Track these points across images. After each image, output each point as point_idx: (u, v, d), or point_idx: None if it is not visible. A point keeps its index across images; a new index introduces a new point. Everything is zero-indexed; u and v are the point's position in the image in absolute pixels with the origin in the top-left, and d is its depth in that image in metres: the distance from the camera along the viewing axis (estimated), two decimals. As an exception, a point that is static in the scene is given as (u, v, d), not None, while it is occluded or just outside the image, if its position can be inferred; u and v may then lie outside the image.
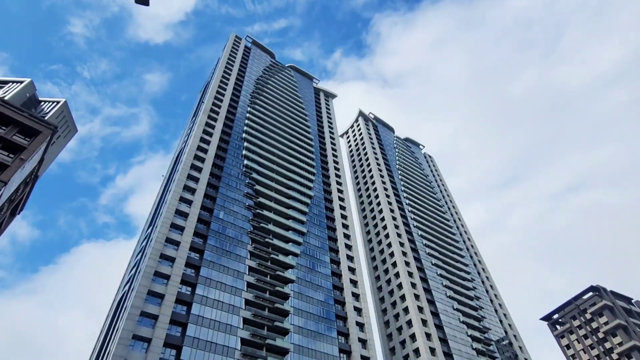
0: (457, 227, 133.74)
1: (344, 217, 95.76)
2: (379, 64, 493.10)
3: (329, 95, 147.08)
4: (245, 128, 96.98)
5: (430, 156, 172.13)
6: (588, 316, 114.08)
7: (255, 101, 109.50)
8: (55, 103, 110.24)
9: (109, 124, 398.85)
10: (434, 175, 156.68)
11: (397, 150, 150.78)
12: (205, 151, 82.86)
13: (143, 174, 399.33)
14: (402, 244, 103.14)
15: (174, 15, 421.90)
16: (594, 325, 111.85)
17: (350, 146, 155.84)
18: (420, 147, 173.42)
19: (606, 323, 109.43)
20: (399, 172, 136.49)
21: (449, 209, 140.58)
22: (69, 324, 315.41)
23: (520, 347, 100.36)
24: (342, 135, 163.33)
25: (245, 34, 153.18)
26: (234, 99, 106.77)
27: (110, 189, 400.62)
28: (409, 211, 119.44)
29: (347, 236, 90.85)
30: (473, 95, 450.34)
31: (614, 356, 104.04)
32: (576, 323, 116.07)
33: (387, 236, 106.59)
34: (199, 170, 77.71)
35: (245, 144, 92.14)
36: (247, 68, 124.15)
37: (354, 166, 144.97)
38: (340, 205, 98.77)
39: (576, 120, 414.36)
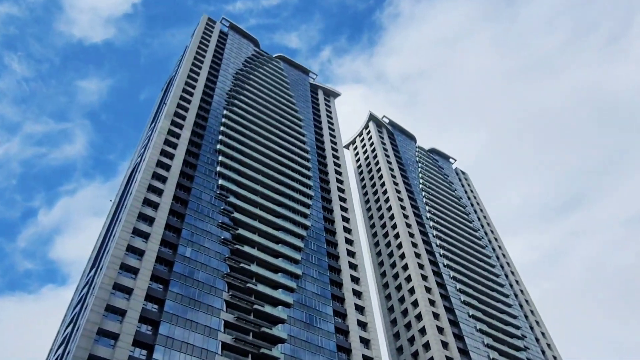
0: (501, 266, 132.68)
1: (351, 253, 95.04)
2: (392, 58, 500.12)
3: (330, 94, 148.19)
4: (220, 137, 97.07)
5: (463, 172, 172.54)
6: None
7: (234, 102, 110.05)
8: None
9: (32, 144, 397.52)
10: (469, 198, 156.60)
11: (419, 164, 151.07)
12: (167, 168, 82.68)
13: (72, 208, 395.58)
14: (428, 289, 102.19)
15: (118, 6, 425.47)
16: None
17: (358, 160, 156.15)
18: (451, 160, 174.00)
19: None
20: (423, 193, 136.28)
21: (489, 241, 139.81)
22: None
23: None
24: (347, 146, 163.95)
25: (223, 14, 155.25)
26: (206, 99, 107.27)
27: (32, 227, 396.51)
28: (436, 245, 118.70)
29: (355, 279, 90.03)
30: (510, 97, 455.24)
31: None
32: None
33: (408, 279, 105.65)
34: (159, 193, 77.35)
35: (220, 157, 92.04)
36: (222, 59, 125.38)
37: (364, 186, 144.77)
38: (346, 238, 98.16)
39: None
